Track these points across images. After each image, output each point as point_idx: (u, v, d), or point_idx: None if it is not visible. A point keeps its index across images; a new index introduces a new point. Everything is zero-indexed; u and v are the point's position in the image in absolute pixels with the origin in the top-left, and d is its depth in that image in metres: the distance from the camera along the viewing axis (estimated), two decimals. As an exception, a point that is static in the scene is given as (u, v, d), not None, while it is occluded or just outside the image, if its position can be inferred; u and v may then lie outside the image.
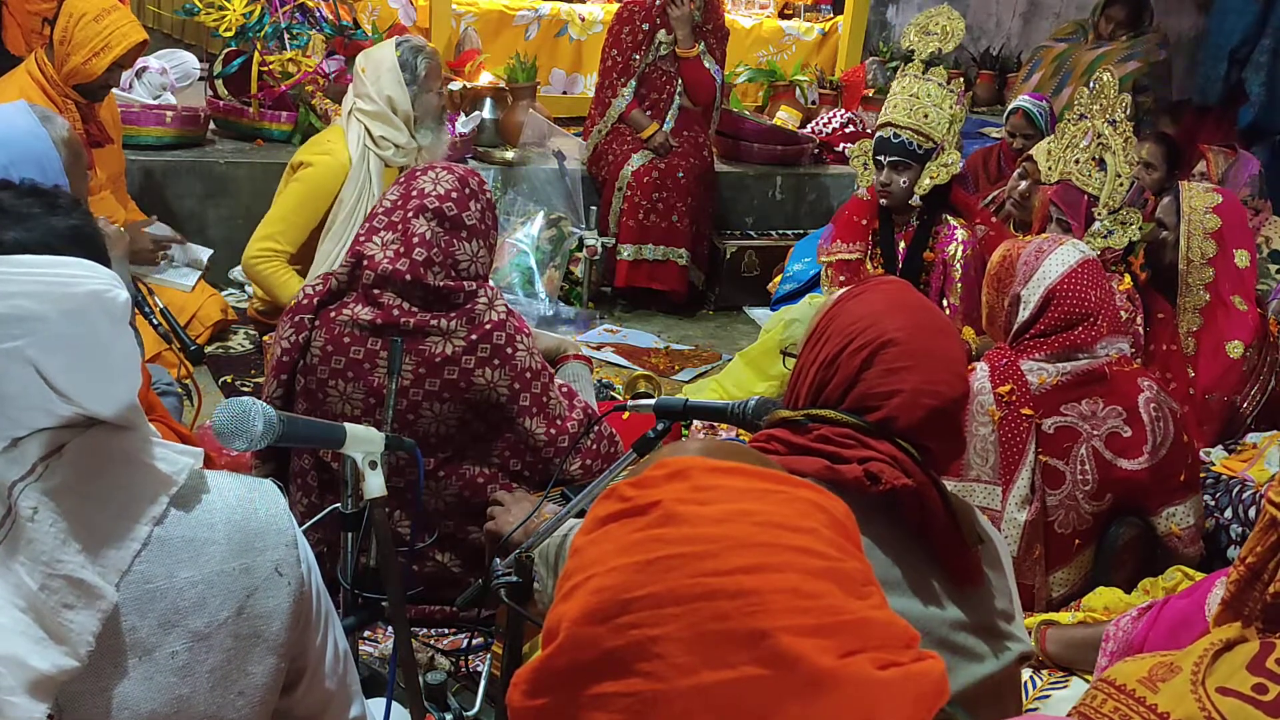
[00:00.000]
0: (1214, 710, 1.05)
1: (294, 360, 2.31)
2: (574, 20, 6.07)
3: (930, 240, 3.54)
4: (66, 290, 1.02)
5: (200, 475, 1.14)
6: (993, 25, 7.87)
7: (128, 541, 1.05)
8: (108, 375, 1.06)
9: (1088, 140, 3.28)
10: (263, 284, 3.58)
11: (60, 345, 1.01)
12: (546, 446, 2.36)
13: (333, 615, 1.26)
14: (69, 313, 1.02)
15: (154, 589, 1.06)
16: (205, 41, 5.59)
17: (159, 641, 1.07)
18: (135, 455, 1.09)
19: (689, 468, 0.80)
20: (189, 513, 1.11)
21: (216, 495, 1.14)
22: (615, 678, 0.73)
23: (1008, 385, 2.47)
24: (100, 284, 1.05)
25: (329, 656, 1.25)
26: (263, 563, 1.14)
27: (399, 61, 3.44)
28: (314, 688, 1.24)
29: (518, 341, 2.33)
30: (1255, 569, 1.15)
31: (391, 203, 2.34)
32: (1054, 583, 2.54)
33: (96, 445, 1.06)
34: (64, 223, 1.08)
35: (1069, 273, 2.52)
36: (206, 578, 1.09)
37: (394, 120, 3.47)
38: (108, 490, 1.05)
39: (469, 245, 2.32)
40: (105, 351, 1.05)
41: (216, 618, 1.10)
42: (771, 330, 3.79)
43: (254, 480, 1.21)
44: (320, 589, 1.23)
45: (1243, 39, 5.46)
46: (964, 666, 1.37)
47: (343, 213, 3.45)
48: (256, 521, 1.15)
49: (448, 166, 2.39)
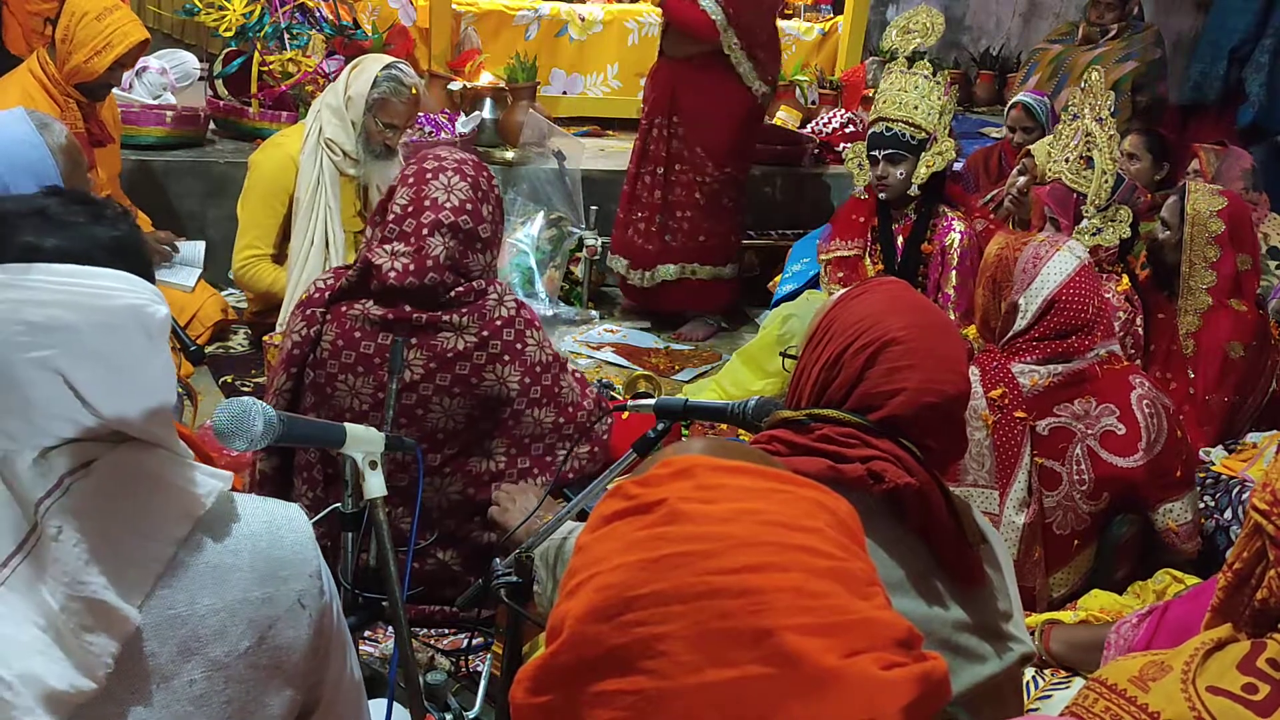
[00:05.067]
0: (1204, 710, 1.05)
1: (304, 353, 2.30)
2: (574, 20, 6.07)
3: (928, 233, 3.57)
4: (103, 303, 1.01)
5: (229, 499, 1.12)
6: (992, 25, 7.88)
7: (151, 564, 1.03)
8: (139, 390, 1.04)
9: (1077, 139, 3.30)
10: (252, 288, 3.70)
11: (92, 357, 1.00)
12: (552, 433, 2.37)
13: (350, 644, 1.25)
14: (104, 325, 1.00)
15: (175, 615, 1.05)
16: (205, 41, 5.60)
17: (177, 669, 1.05)
18: (164, 475, 1.07)
19: (694, 466, 0.80)
20: (215, 538, 1.09)
21: (243, 522, 1.12)
22: (619, 675, 0.73)
23: (1000, 389, 2.47)
24: (139, 298, 1.03)
25: (346, 687, 1.24)
26: (286, 593, 1.12)
27: (379, 77, 3.47)
28: (327, 717, 1.22)
29: (527, 336, 2.33)
30: (1242, 575, 1.15)
31: (401, 208, 2.30)
32: (1054, 583, 2.54)
33: (125, 463, 1.04)
34: (107, 233, 1.06)
35: (1068, 282, 2.50)
36: (229, 606, 1.07)
37: (345, 118, 3.50)
38: (134, 510, 1.04)
39: (482, 256, 2.33)
40: (138, 366, 1.03)
41: (237, 648, 1.08)
42: (769, 327, 3.79)
43: (281, 506, 1.19)
44: (340, 619, 1.22)
45: (1243, 38, 5.46)
46: (966, 667, 1.37)
47: (301, 210, 3.52)
48: (282, 550, 1.13)
49: (458, 167, 2.34)
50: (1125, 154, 4.36)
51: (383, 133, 3.52)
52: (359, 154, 3.53)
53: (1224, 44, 5.54)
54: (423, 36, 5.62)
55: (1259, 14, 5.45)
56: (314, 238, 3.48)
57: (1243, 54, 5.49)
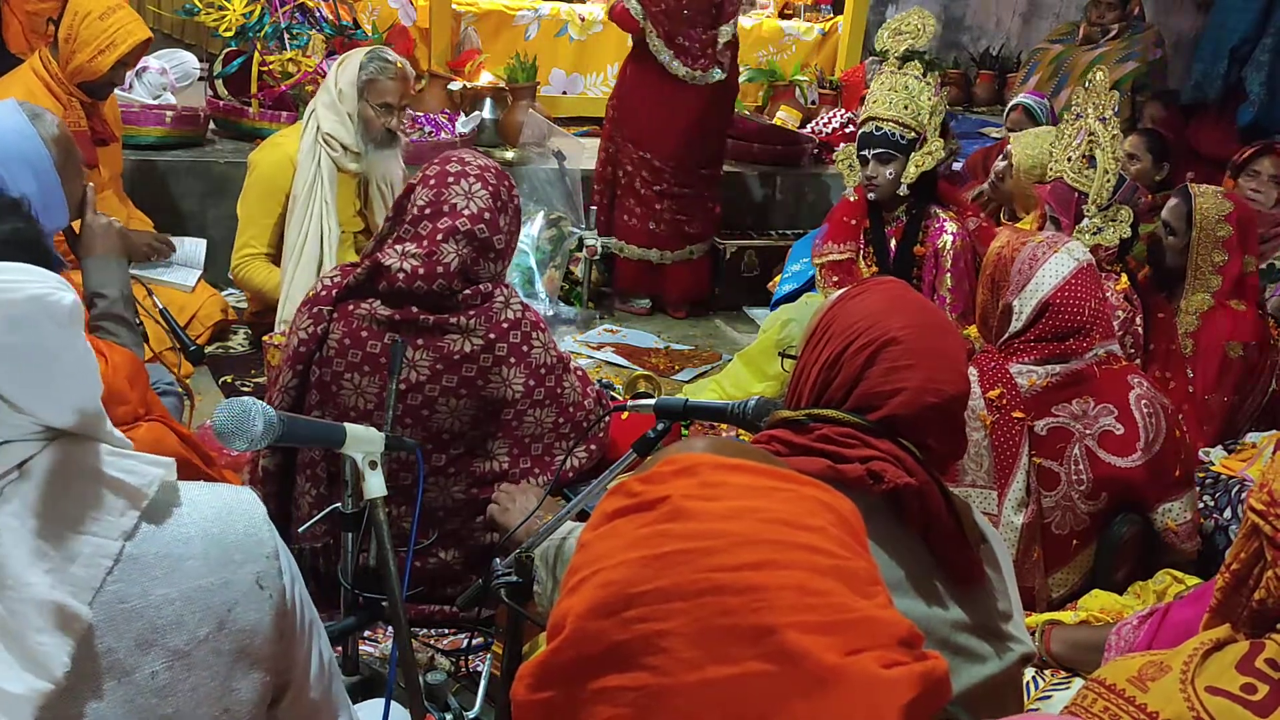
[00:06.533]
0: (1202, 709, 1.05)
1: (310, 351, 2.30)
2: (574, 20, 6.07)
3: (920, 234, 3.56)
4: (5, 296, 0.97)
5: (172, 487, 1.10)
6: (992, 25, 7.88)
7: (98, 559, 1.01)
8: (59, 383, 1.01)
9: (1080, 138, 3.30)
10: (249, 287, 3.73)
11: (5, 355, 0.97)
12: (551, 432, 2.37)
13: (318, 625, 1.23)
14: (10, 320, 0.97)
15: (129, 608, 1.03)
16: (205, 41, 5.60)
17: (137, 663, 1.03)
18: (101, 468, 1.04)
19: (697, 464, 0.80)
20: (162, 527, 1.07)
21: (190, 508, 1.10)
22: (621, 671, 0.73)
23: (997, 389, 2.47)
24: (41, 288, 0.99)
25: (314, 668, 1.22)
26: (242, 576, 1.10)
27: (362, 61, 3.51)
28: (299, 700, 1.21)
29: (533, 339, 2.34)
30: (1240, 575, 1.15)
31: (420, 208, 2.29)
32: (1053, 584, 2.54)
33: (60, 460, 1.02)
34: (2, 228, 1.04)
35: (1063, 285, 2.49)
36: (184, 594, 1.06)
37: (340, 110, 3.51)
38: (74, 506, 1.02)
39: (493, 265, 2.33)
40: (53, 358, 1.00)
41: (196, 635, 1.06)
42: (769, 330, 3.79)
43: (230, 490, 1.17)
44: (304, 599, 1.20)
45: (1243, 37, 5.47)
46: (966, 667, 1.37)
47: (297, 207, 3.53)
48: (234, 534, 1.11)
49: (481, 174, 2.33)
50: (1126, 154, 4.37)
51: (380, 116, 3.52)
52: (359, 146, 3.54)
53: (1225, 43, 5.54)
54: (423, 36, 5.62)
55: (1259, 13, 5.45)
56: (308, 233, 3.49)
57: (1243, 53, 5.49)
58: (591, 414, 2.42)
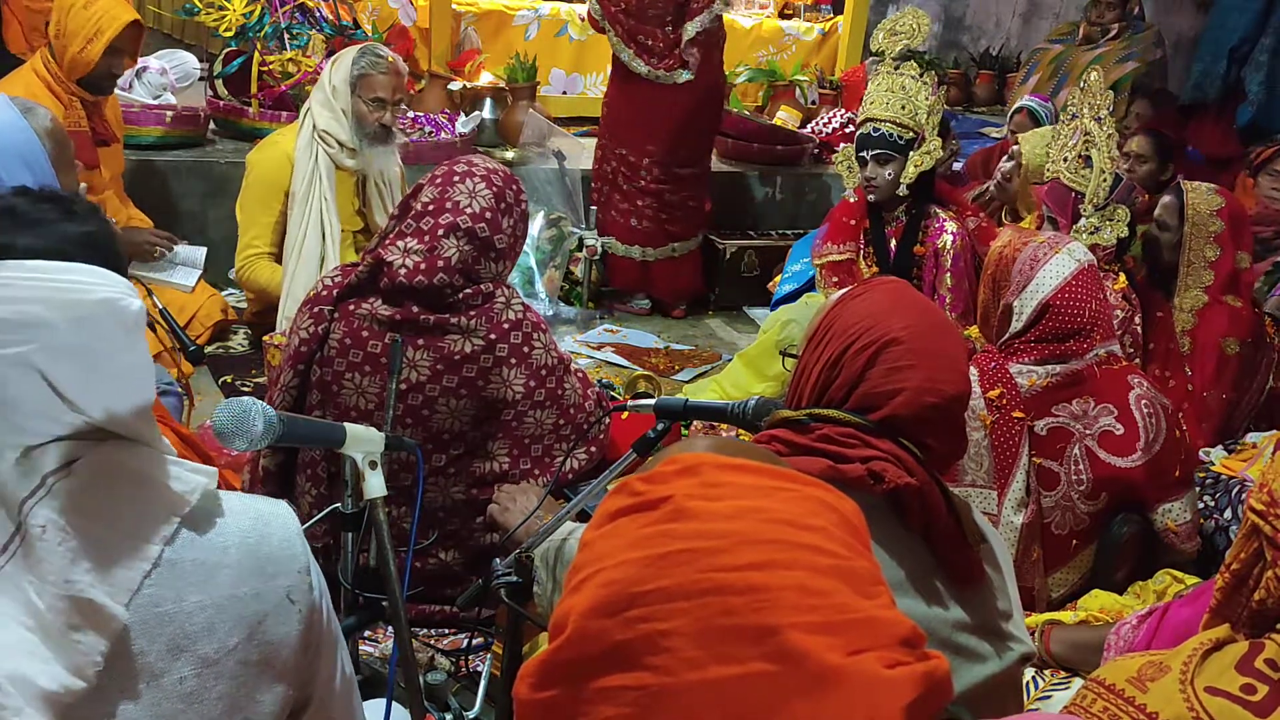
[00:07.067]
0: (1202, 710, 1.05)
1: (311, 351, 2.31)
2: (574, 20, 6.07)
3: (920, 234, 3.56)
4: (77, 297, 1.00)
5: (214, 496, 1.11)
6: (992, 25, 7.88)
7: (138, 562, 1.02)
8: (119, 385, 1.03)
9: (1076, 138, 3.30)
10: (254, 287, 3.72)
11: (68, 353, 0.99)
12: (551, 433, 2.37)
13: (341, 640, 1.24)
14: (78, 320, 1.00)
15: (163, 612, 1.04)
16: (205, 41, 5.59)
17: (167, 667, 1.04)
18: (148, 472, 1.06)
19: (700, 464, 0.80)
20: (201, 535, 1.08)
21: (230, 518, 1.11)
22: (623, 671, 0.73)
23: (997, 389, 2.47)
24: (113, 291, 1.03)
25: (337, 684, 1.23)
26: (274, 589, 1.11)
27: (355, 57, 3.51)
28: (320, 715, 1.22)
29: (534, 340, 2.34)
30: (1240, 575, 1.15)
31: (423, 206, 2.31)
32: (1053, 584, 2.54)
33: (108, 461, 1.03)
34: (78, 229, 1.05)
35: (1064, 286, 2.49)
36: (216, 602, 1.07)
37: (334, 107, 3.51)
38: (118, 508, 1.03)
39: (494, 265, 2.33)
40: (115, 361, 1.03)
41: (226, 644, 1.07)
42: (769, 331, 3.79)
43: (269, 503, 1.18)
44: (331, 615, 1.21)
45: (1243, 37, 5.47)
46: (967, 667, 1.37)
47: (296, 203, 3.54)
48: (269, 546, 1.12)
49: (486, 175, 2.34)
50: (1134, 155, 4.37)
51: (373, 111, 3.52)
52: (355, 142, 3.53)
53: (1224, 43, 5.54)
54: (423, 36, 5.62)
55: (1259, 14, 5.46)
56: (309, 230, 3.49)
57: (1243, 53, 5.49)
58: (592, 416, 2.42)
